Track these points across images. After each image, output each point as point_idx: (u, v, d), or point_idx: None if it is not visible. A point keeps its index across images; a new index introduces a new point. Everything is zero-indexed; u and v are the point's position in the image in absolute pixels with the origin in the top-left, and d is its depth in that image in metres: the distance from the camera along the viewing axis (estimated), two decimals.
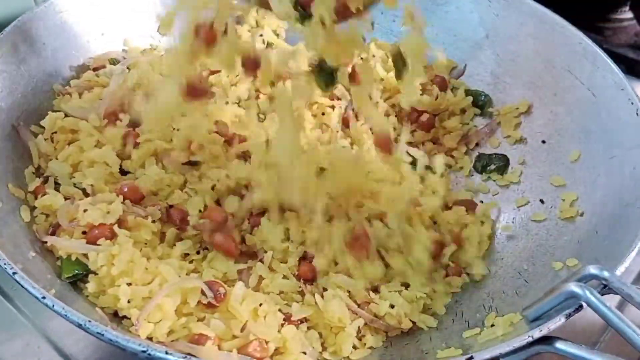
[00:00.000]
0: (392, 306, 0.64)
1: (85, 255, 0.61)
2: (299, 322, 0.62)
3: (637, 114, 0.68)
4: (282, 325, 0.60)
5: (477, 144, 0.84)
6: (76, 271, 0.61)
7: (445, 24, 0.90)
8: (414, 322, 0.64)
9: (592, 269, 0.52)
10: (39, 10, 0.76)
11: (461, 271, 0.70)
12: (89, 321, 0.48)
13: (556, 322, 0.50)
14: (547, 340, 0.50)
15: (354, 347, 0.62)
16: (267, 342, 0.58)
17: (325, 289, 0.64)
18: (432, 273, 0.68)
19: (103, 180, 0.68)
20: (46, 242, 0.62)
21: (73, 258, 0.61)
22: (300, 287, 0.65)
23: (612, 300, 0.53)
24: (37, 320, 0.69)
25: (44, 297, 0.49)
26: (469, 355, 0.47)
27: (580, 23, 1.08)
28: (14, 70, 0.72)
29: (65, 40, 0.79)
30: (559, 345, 0.50)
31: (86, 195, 0.67)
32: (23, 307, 0.70)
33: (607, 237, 0.61)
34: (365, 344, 0.62)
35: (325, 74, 0.64)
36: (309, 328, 0.63)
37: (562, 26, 0.79)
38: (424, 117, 0.83)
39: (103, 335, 0.47)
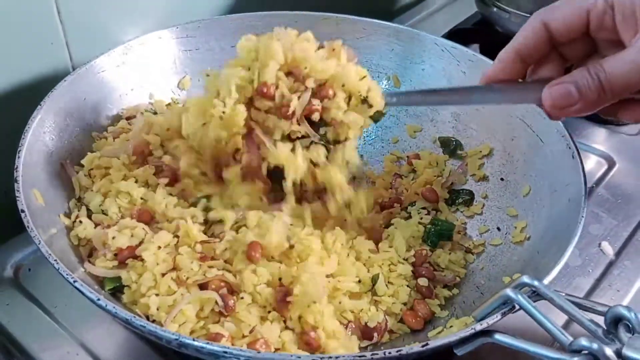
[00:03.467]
0: None
1: None
2: None
3: (572, 157, 0.83)
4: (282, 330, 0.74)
5: (452, 184, 0.98)
6: (116, 284, 0.75)
7: (421, 79, 1.06)
8: (392, 330, 0.79)
9: (525, 279, 0.66)
10: (81, 71, 0.91)
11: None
12: (134, 317, 0.62)
13: (494, 319, 0.63)
14: (488, 333, 0.64)
15: None
16: (269, 342, 0.72)
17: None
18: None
19: (124, 207, 0.83)
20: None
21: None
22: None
23: None
24: (74, 332, 0.82)
25: (98, 299, 0.63)
26: (424, 343, 0.61)
27: None
28: (61, 122, 0.87)
29: (102, 95, 0.94)
30: (497, 336, 0.63)
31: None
32: (62, 320, 0.84)
33: (545, 255, 0.75)
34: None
35: None
36: None
37: None
38: None
39: (145, 327, 0.61)
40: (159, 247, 0.76)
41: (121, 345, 0.83)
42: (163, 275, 0.74)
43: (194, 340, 0.60)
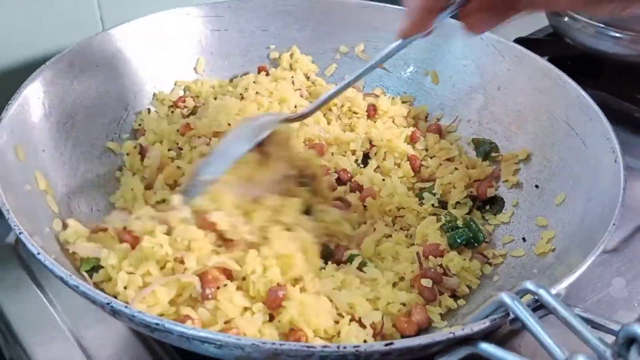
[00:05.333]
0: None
1: None
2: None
3: (615, 161, 0.71)
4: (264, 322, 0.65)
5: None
6: (92, 264, 0.68)
7: (461, 76, 0.97)
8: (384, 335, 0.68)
9: (528, 284, 0.55)
10: (97, 38, 0.88)
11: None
12: (70, 275, 0.55)
13: (480, 325, 0.53)
14: (472, 341, 0.53)
15: None
16: (245, 334, 0.63)
17: None
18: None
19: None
20: None
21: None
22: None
23: None
24: (58, 304, 0.76)
25: (39, 253, 0.57)
26: (388, 342, 0.51)
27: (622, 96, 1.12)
28: (67, 85, 0.83)
29: (117, 64, 0.90)
30: (482, 345, 0.53)
31: None
32: (49, 292, 0.78)
33: (563, 264, 0.64)
34: None
35: None
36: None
37: (564, 81, 0.84)
38: None
39: (78, 287, 0.55)
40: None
41: (123, 350, 0.76)
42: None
43: (125, 307, 0.53)
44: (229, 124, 0.86)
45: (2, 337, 0.80)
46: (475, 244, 0.78)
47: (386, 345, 0.51)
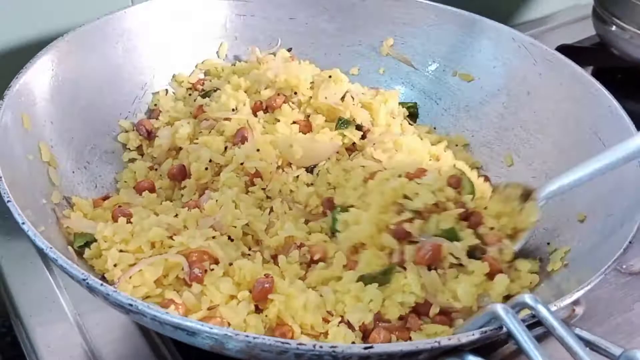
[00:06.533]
0: None
1: None
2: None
3: None
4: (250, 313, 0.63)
5: None
6: (85, 240, 0.68)
7: (490, 78, 0.93)
8: None
9: (526, 298, 0.51)
10: (120, 13, 0.87)
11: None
12: (50, 248, 0.54)
13: (468, 336, 0.49)
14: (459, 352, 0.50)
15: None
16: (229, 324, 0.61)
17: None
18: None
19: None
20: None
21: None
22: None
23: None
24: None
25: (23, 223, 0.56)
26: (368, 345, 0.48)
27: None
28: (83, 59, 0.82)
29: (137, 43, 0.89)
30: (469, 358, 0.49)
31: None
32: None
33: (573, 280, 0.60)
34: None
35: None
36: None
37: (596, 89, 0.79)
38: None
39: (56, 260, 0.53)
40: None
41: (106, 312, 0.72)
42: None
43: (101, 284, 0.51)
44: (234, 109, 0.84)
45: (7, 311, 0.79)
46: None
47: (365, 348, 0.48)
